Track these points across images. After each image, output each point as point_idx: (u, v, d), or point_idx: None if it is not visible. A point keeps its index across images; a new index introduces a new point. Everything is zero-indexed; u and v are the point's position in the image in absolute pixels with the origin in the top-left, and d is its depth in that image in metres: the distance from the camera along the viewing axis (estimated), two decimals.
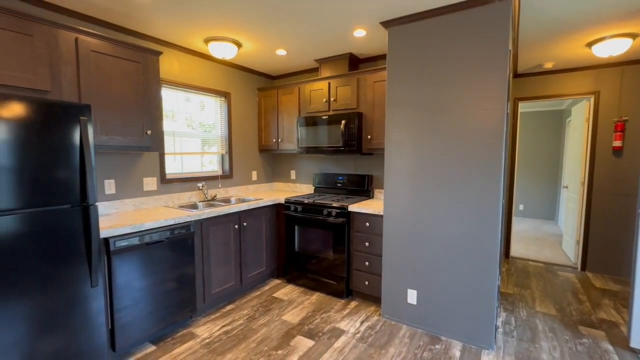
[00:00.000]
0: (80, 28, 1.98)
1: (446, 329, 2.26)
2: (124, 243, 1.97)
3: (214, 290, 2.64)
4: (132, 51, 2.25)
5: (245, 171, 3.71)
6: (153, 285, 2.15)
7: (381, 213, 2.57)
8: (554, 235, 5.17)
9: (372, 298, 2.79)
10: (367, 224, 2.69)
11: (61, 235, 1.61)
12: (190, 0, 2.05)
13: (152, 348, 2.15)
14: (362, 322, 2.47)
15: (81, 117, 1.63)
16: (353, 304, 2.78)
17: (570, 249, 4.03)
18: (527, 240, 4.88)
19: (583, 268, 3.63)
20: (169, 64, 2.86)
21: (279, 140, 3.56)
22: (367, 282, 2.73)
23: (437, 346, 2.17)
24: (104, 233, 1.88)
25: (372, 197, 3.24)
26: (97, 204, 1.82)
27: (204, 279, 2.54)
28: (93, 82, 2.05)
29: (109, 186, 2.46)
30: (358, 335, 2.30)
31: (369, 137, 2.91)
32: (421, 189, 2.30)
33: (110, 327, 1.94)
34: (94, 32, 2.04)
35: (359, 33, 2.58)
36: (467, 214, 2.13)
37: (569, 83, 3.59)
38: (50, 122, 1.54)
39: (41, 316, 1.55)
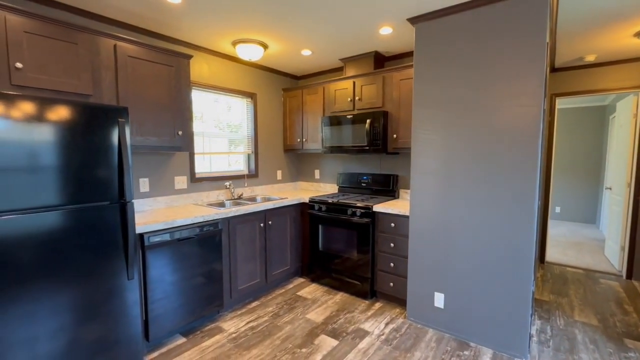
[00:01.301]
0: (119, 35, 2.10)
1: (476, 335, 2.18)
2: (157, 239, 2.07)
3: (240, 287, 2.70)
4: (165, 55, 2.35)
5: (271, 171, 3.77)
6: (183, 280, 2.24)
7: (407, 214, 2.52)
8: (595, 240, 4.83)
9: (397, 300, 2.74)
10: (393, 224, 2.64)
11: (101, 230, 1.72)
12: (220, 4, 2.11)
13: (183, 340, 2.24)
14: (386, 324, 2.43)
15: (119, 119, 1.73)
16: (377, 305, 2.74)
17: (613, 255, 3.74)
18: (564, 245, 4.59)
19: (629, 276, 3.36)
20: (199, 67, 2.97)
21: (304, 140, 3.59)
22: (392, 284, 2.69)
23: (466, 352, 2.09)
24: (139, 229, 1.98)
25: (398, 197, 3.18)
26: (133, 201, 1.92)
27: (231, 275, 2.61)
28: (129, 86, 2.17)
29: (144, 184, 2.59)
30: (383, 337, 2.27)
31: (394, 136, 2.86)
32: (450, 190, 2.23)
33: (144, 318, 2.04)
34: (131, 38, 2.15)
35: (385, 31, 2.54)
36: (500, 216, 2.03)
37: (614, 77, 3.33)
38: (92, 124, 1.64)
39: (83, 305, 1.66)
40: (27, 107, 1.44)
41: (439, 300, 2.31)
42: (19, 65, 1.68)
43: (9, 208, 1.41)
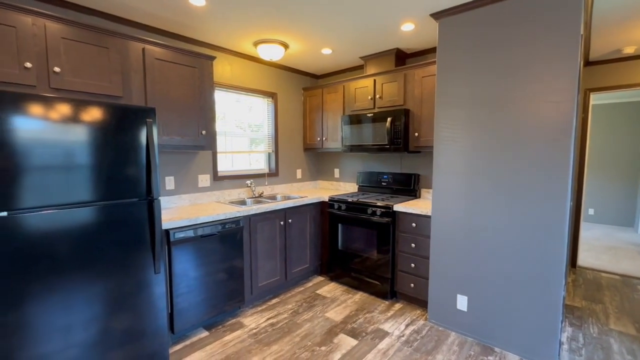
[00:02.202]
0: (147, 39, 2.18)
1: (501, 340, 2.10)
2: (182, 235, 2.14)
3: (261, 284, 2.75)
4: (190, 57, 2.42)
5: (290, 169, 3.80)
6: (206, 275, 2.30)
7: (429, 213, 2.47)
8: (633, 245, 4.53)
9: (418, 301, 2.69)
10: (414, 224, 2.60)
11: (130, 225, 1.79)
12: (242, 6, 2.15)
13: (205, 333, 2.30)
14: (407, 326, 2.39)
15: (147, 120, 1.80)
16: (397, 306, 2.71)
17: None
18: (598, 249, 4.34)
19: None
20: (221, 68, 3.03)
21: (324, 138, 3.59)
22: (412, 285, 2.65)
23: (490, 357, 2.03)
24: (165, 225, 2.05)
25: (419, 197, 3.12)
26: (159, 198, 1.99)
27: (252, 272, 2.66)
28: (156, 87, 2.25)
29: (169, 182, 2.68)
30: (403, 338, 2.23)
31: (416, 134, 2.81)
32: (474, 190, 2.16)
33: (169, 311, 2.12)
34: (158, 41, 2.24)
35: (407, 27, 2.49)
36: (529, 217, 1.95)
37: None
38: (123, 125, 1.72)
39: (114, 297, 1.75)
40: (64, 109, 1.53)
41: (462, 302, 2.25)
42: (57, 69, 1.79)
43: (47, 203, 1.51)
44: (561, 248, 1.85)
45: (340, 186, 3.90)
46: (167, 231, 2.08)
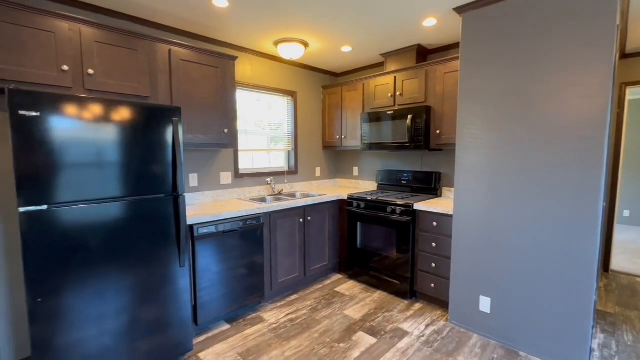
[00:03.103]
0: (173, 40, 2.26)
1: (526, 344, 2.03)
2: (205, 230, 2.21)
3: (280, 280, 2.79)
4: (213, 58, 2.49)
5: (310, 167, 3.82)
6: (228, 270, 2.37)
7: (451, 213, 2.42)
8: None
9: (439, 302, 2.65)
10: (435, 223, 2.55)
11: (157, 220, 1.87)
12: (264, 6, 2.18)
13: (227, 326, 2.37)
14: (427, 326, 2.36)
15: (174, 119, 1.86)
16: (417, 305, 2.67)
17: None
18: (633, 252, 4.09)
19: None
20: (242, 67, 3.09)
21: (343, 136, 3.59)
22: (433, 285, 2.60)
23: None
24: (189, 220, 2.13)
25: (440, 196, 3.06)
26: (184, 194, 2.07)
27: (272, 268, 2.71)
28: (181, 87, 2.33)
29: (193, 179, 2.77)
30: (423, 338, 2.20)
31: (437, 132, 2.75)
32: (499, 188, 2.09)
33: (193, 303, 2.19)
34: (183, 43, 2.31)
35: (429, 22, 2.45)
36: (558, 218, 1.87)
37: None
38: (151, 124, 1.79)
39: (142, 288, 1.83)
40: (98, 109, 1.61)
41: (485, 304, 2.19)
42: (90, 71, 1.89)
43: (82, 198, 1.59)
44: (593, 250, 1.77)
45: (359, 184, 3.89)
46: (191, 226, 2.16)
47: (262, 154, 3.44)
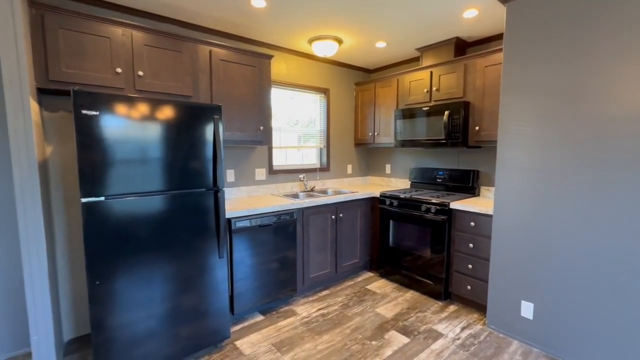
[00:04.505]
0: (213, 41, 2.36)
1: (572, 354, 1.90)
2: (242, 224, 2.29)
3: (312, 275, 2.83)
4: (250, 57, 2.56)
5: (341, 165, 3.83)
6: (262, 264, 2.44)
7: (490, 212, 2.31)
8: None
9: (475, 304, 2.55)
10: (472, 223, 2.45)
11: (198, 213, 1.97)
12: (300, 5, 2.21)
13: (261, 317, 2.45)
14: (462, 329, 2.28)
15: (215, 116, 1.95)
16: (452, 307, 2.59)
17: None
18: None
19: None
20: (277, 66, 3.16)
21: (375, 133, 3.55)
22: (469, 287, 2.51)
23: None
24: (227, 214, 2.22)
25: (478, 195, 2.94)
26: (224, 189, 2.16)
27: (304, 263, 2.75)
28: (220, 86, 2.43)
29: (230, 175, 2.88)
30: (458, 341, 2.14)
31: (476, 128, 2.64)
32: (545, 188, 1.97)
33: (230, 293, 2.29)
34: (222, 43, 2.40)
35: (470, 13, 2.35)
36: (613, 222, 1.73)
37: None
38: (194, 122, 1.89)
39: (184, 277, 1.94)
40: (148, 109, 1.73)
41: (527, 310, 2.08)
42: (140, 73, 2.03)
43: (131, 191, 1.72)
44: None
45: (392, 182, 3.83)
46: (229, 220, 2.25)
47: (293, 150, 3.49)
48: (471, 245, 2.47)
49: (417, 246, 2.84)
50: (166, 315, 1.87)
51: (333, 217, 2.94)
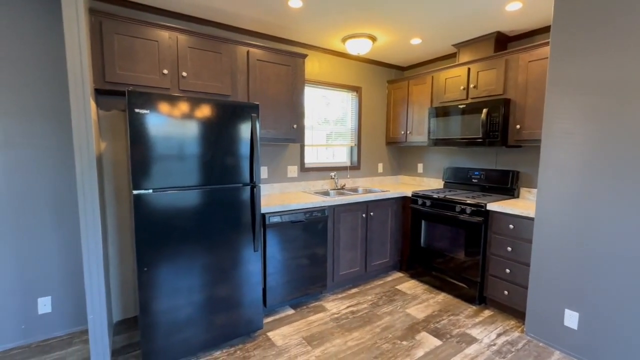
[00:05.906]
0: (251, 42, 2.44)
1: None
2: (275, 219, 2.36)
3: (341, 272, 2.85)
4: (285, 57, 2.62)
5: (372, 163, 3.81)
6: (293, 259, 2.50)
7: (531, 215, 2.20)
8: None
9: (512, 311, 2.44)
10: (511, 226, 2.35)
11: (235, 207, 2.06)
12: (335, 4, 2.22)
13: (292, 311, 2.50)
14: (498, 335, 2.20)
15: (252, 115, 2.02)
16: (487, 312, 2.50)
17: None
18: None
19: None
20: (310, 65, 3.19)
21: (408, 132, 3.49)
22: (506, 292, 2.41)
23: None
24: (262, 209, 2.29)
25: (517, 197, 2.80)
26: (259, 185, 2.23)
27: (334, 260, 2.78)
28: (257, 86, 2.51)
29: (263, 171, 2.97)
30: (494, 347, 2.06)
31: (517, 126, 2.52)
32: (594, 191, 1.85)
33: (263, 286, 2.37)
34: (259, 44, 2.48)
35: (513, 6, 2.24)
36: None
37: None
38: (233, 120, 1.97)
39: (221, 267, 2.03)
40: (192, 107, 1.83)
41: (571, 319, 1.96)
42: (184, 74, 2.14)
43: (175, 185, 1.83)
44: None
45: (424, 182, 3.75)
46: (263, 215, 2.32)
47: (324, 148, 3.52)
48: (509, 248, 2.37)
49: (450, 248, 2.77)
50: (204, 303, 1.97)
51: (364, 215, 2.93)
